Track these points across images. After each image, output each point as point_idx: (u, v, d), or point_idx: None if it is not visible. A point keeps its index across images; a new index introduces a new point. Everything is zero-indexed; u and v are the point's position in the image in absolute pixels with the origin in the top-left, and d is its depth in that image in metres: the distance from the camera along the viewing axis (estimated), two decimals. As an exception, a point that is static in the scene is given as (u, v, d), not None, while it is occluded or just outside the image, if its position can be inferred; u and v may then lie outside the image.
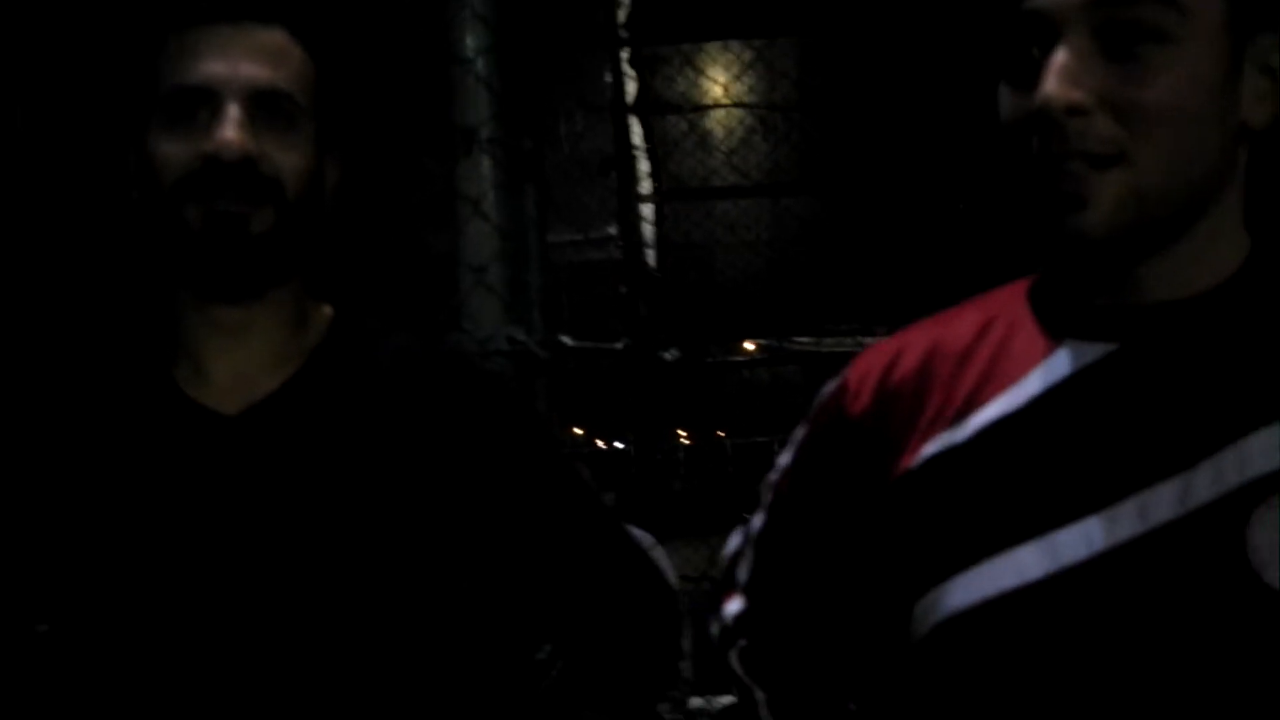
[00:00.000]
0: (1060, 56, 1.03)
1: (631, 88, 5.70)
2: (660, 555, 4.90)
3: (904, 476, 1.20)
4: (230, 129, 1.33)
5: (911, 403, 1.23)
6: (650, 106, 5.82)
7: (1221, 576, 1.01)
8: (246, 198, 1.33)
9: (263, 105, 1.35)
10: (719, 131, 6.02)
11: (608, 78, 5.64)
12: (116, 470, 1.39)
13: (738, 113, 5.93)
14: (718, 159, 6.00)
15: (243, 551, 1.35)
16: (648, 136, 5.91)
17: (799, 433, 1.37)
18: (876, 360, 1.29)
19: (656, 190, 6.04)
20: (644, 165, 5.98)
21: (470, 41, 2.15)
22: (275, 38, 1.39)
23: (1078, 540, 1.07)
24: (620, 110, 5.63)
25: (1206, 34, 1.04)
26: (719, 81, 5.90)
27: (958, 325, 1.26)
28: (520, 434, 1.49)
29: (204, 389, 1.41)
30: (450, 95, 2.17)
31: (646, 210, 6.03)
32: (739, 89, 5.86)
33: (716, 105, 5.86)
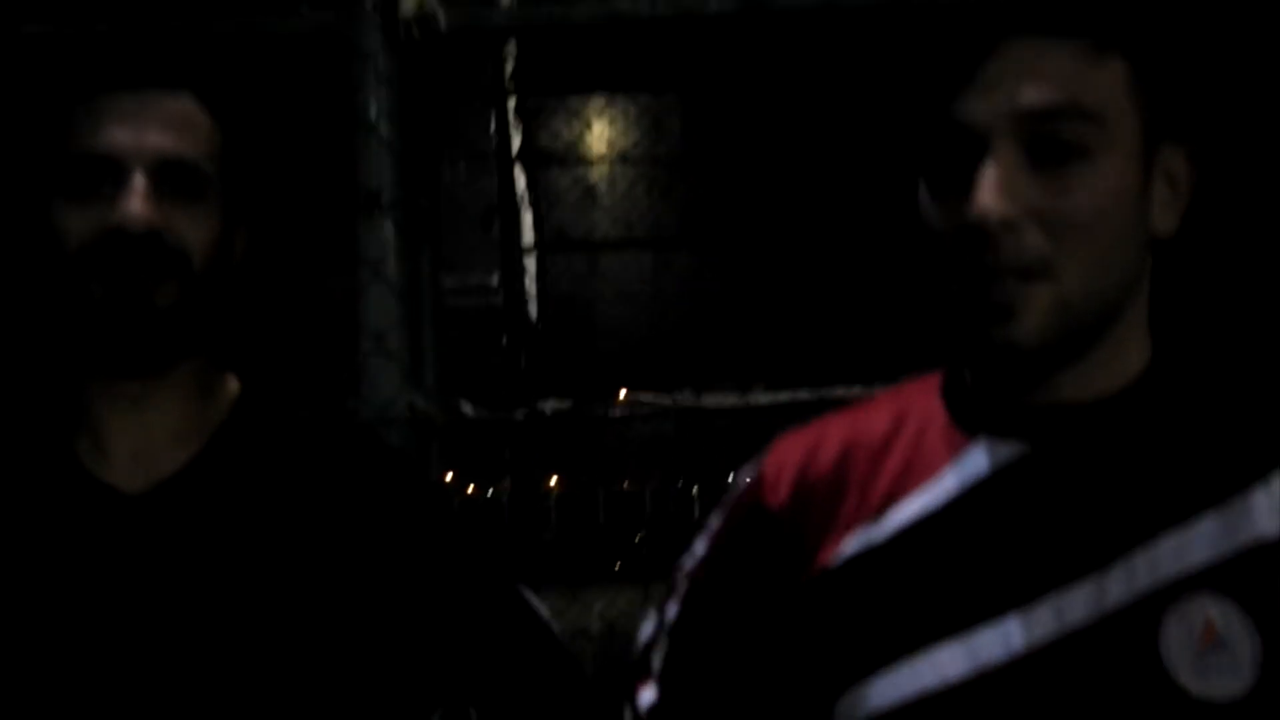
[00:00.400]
0: (992, 170, 1.03)
1: (516, 139, 5.70)
2: (537, 604, 4.88)
3: (823, 574, 1.19)
4: (135, 201, 1.29)
5: (829, 498, 1.23)
6: (535, 157, 5.83)
7: (1136, 678, 1.02)
8: (151, 271, 1.30)
9: (169, 175, 1.32)
10: (603, 185, 6.05)
11: (492, 127, 5.65)
12: (17, 551, 1.33)
13: (622, 167, 5.96)
14: (601, 212, 6.03)
15: (141, 634, 1.30)
16: (531, 187, 5.92)
17: (714, 521, 1.36)
18: (793, 453, 1.28)
19: (539, 242, 6.03)
20: (527, 217, 5.97)
21: (374, 104, 2.12)
22: (183, 105, 1.35)
23: (996, 640, 1.07)
24: (505, 160, 5.62)
25: (1123, 148, 1.06)
26: (604, 135, 5.93)
27: (872, 419, 1.27)
28: (422, 512, 1.46)
29: (105, 465, 1.37)
30: (353, 158, 2.14)
31: (529, 262, 6.03)
32: (624, 143, 5.90)
33: (602, 158, 5.88)
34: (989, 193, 1.03)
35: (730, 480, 1.34)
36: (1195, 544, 1.05)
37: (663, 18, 2.14)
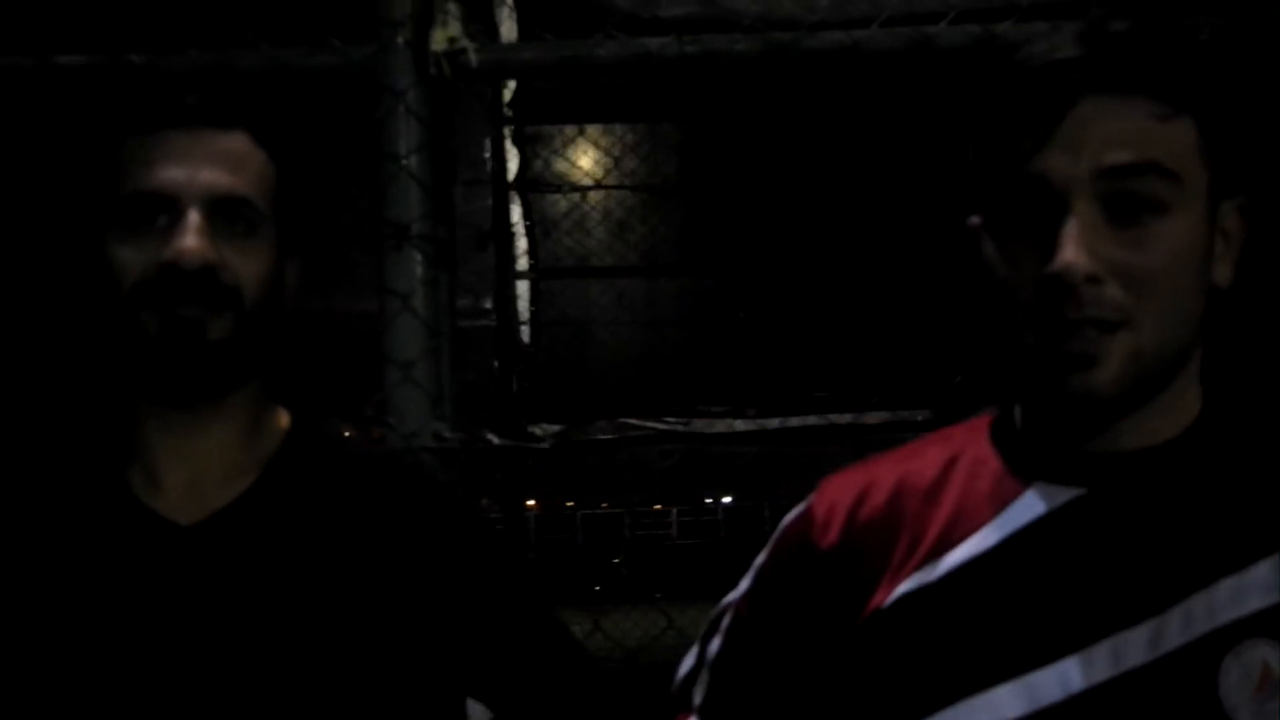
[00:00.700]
0: (1074, 226, 1.07)
1: (512, 165, 5.71)
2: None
3: (875, 615, 1.22)
4: (190, 237, 1.31)
5: (881, 540, 1.25)
6: (531, 184, 5.85)
7: None
8: (205, 305, 1.32)
9: (222, 211, 1.34)
10: (597, 212, 6.07)
11: (486, 153, 5.65)
12: (70, 580, 1.35)
13: (618, 193, 5.98)
14: (595, 238, 6.04)
15: (193, 664, 1.32)
16: (527, 213, 5.93)
17: (760, 559, 1.39)
18: (844, 494, 1.31)
19: (533, 267, 6.05)
20: (521, 243, 5.98)
21: (404, 139, 2.15)
22: (236, 142, 1.37)
23: (1054, 681, 1.10)
24: (501, 186, 5.63)
25: (1194, 204, 1.10)
26: (599, 162, 5.95)
27: (921, 461, 1.29)
28: (472, 544, 1.49)
29: (159, 496, 1.39)
30: (382, 191, 2.16)
31: (522, 287, 6.04)
32: (619, 173, 5.92)
33: (599, 186, 5.90)
34: (1072, 248, 1.06)
35: (713, 503, 1.36)
36: (1252, 590, 1.08)
37: (690, 56, 2.18)
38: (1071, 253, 1.06)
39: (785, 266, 5.64)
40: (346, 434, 1.53)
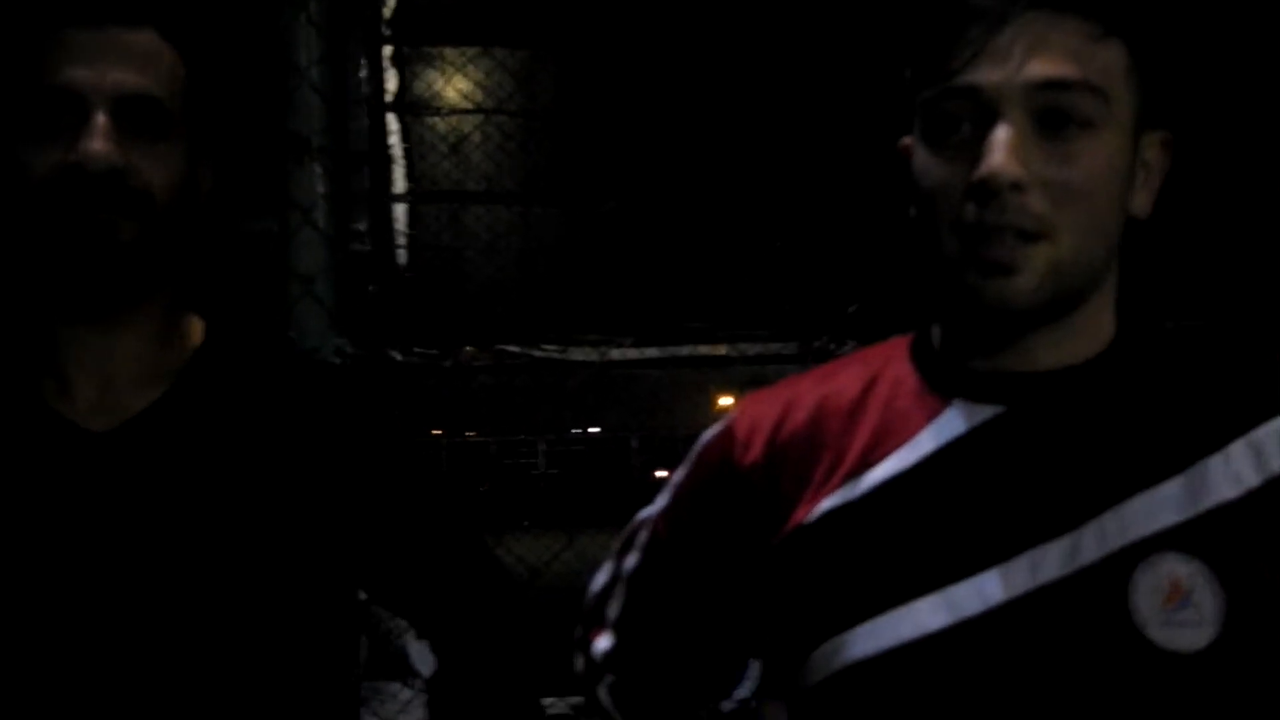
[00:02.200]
0: (1003, 133, 1.09)
1: (391, 86, 5.63)
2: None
3: (798, 530, 1.24)
4: (97, 140, 1.27)
5: (803, 458, 1.28)
6: (409, 106, 5.77)
7: (1107, 631, 1.09)
8: (112, 209, 1.29)
9: (131, 112, 1.31)
10: (475, 137, 6.01)
11: (363, 73, 5.56)
12: None
13: (495, 118, 5.93)
14: (471, 163, 5.99)
15: (106, 567, 1.31)
16: (405, 136, 5.85)
17: (678, 475, 1.40)
18: (765, 413, 1.33)
19: (411, 191, 5.98)
20: (398, 166, 5.91)
21: (305, 51, 2.11)
22: (146, 39, 1.33)
23: (974, 594, 1.14)
24: (378, 108, 5.55)
25: (1119, 125, 1.13)
26: (478, 86, 5.89)
27: (842, 381, 1.32)
28: (379, 434, 1.49)
29: (71, 405, 1.36)
30: (284, 103, 2.12)
31: (399, 211, 5.97)
32: (499, 95, 5.86)
33: (475, 110, 5.84)
34: (1000, 155, 1.09)
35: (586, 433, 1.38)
36: (1163, 505, 1.12)
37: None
38: (999, 159, 1.09)
39: (662, 193, 5.64)
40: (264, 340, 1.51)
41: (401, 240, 5.96)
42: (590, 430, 20.09)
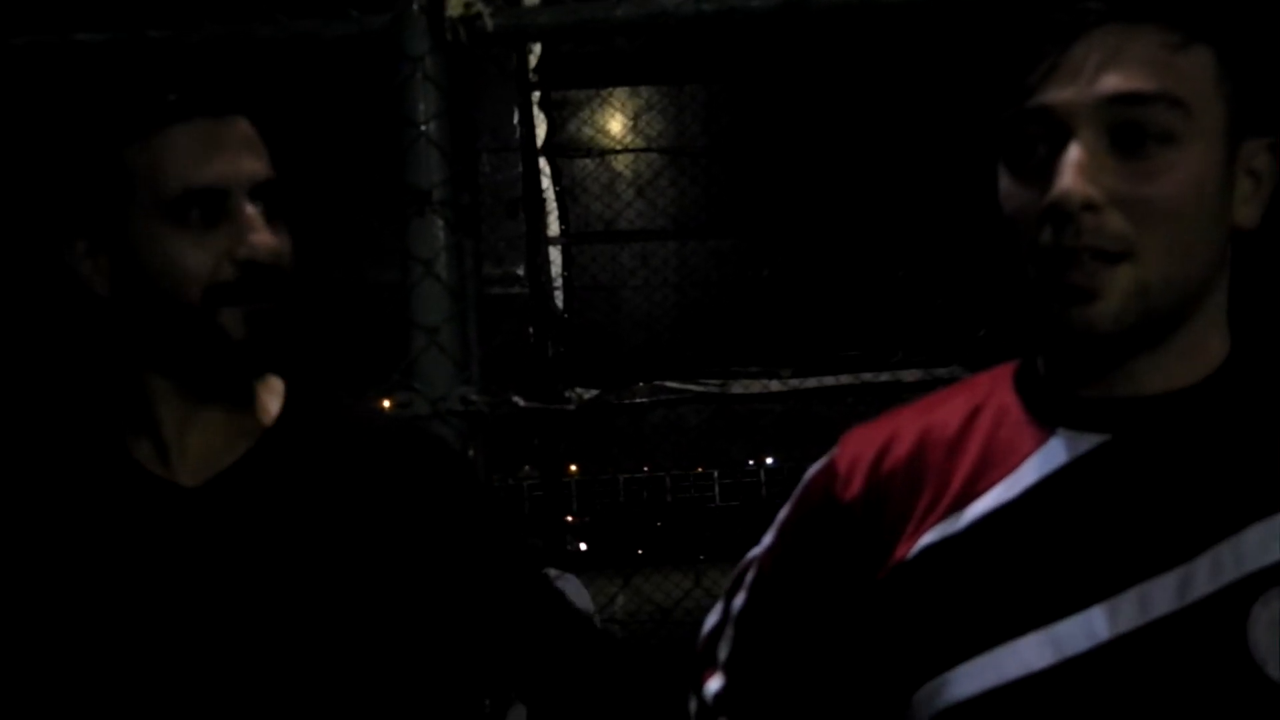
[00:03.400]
0: (1075, 153, 1.05)
1: (541, 130, 5.71)
2: (579, 589, 4.94)
3: (900, 566, 1.21)
4: (263, 232, 1.31)
5: (905, 492, 1.24)
6: (559, 149, 5.84)
7: (1223, 669, 1.04)
8: (277, 297, 1.33)
9: (261, 197, 1.34)
10: (627, 174, 6.06)
11: (516, 119, 5.65)
12: (82, 550, 1.36)
13: (645, 156, 5.97)
14: (625, 202, 6.03)
15: (205, 625, 1.34)
16: (556, 179, 5.92)
17: (784, 512, 1.38)
18: (867, 446, 1.30)
19: (564, 233, 6.04)
20: (552, 208, 5.98)
21: (423, 106, 2.15)
22: (246, 127, 1.37)
23: (1080, 631, 1.09)
24: (530, 152, 5.63)
25: (1207, 136, 1.08)
26: (627, 125, 5.94)
27: (945, 412, 1.28)
28: (463, 500, 1.49)
29: (160, 462, 1.40)
30: (402, 157, 2.16)
31: (554, 252, 6.04)
32: (648, 135, 5.90)
33: (625, 149, 5.88)
34: (1070, 175, 1.05)
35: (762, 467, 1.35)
36: None
37: (706, 14, 2.17)
38: (1069, 179, 1.05)
39: (812, 225, 5.61)
40: (345, 400, 1.53)
41: (558, 282, 6.03)
42: (767, 462, 20.03)
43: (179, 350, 1.36)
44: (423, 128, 2.07)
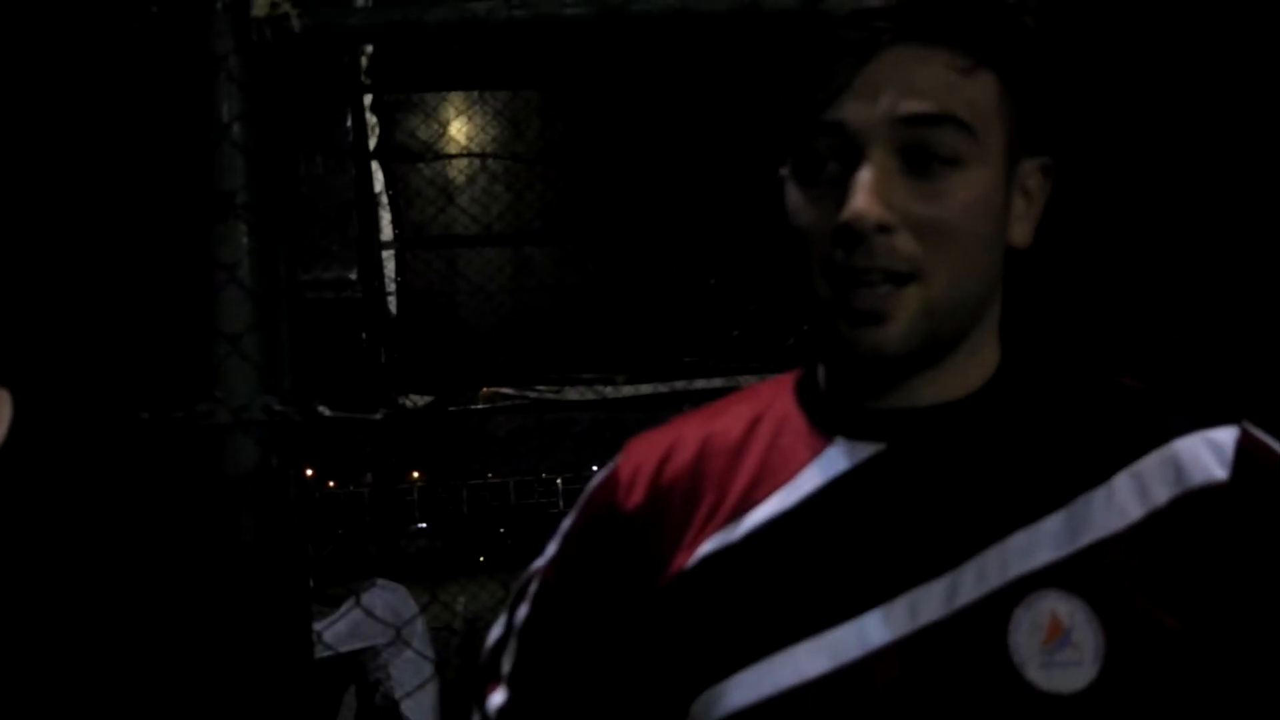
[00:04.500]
0: (867, 174, 1.06)
1: (374, 134, 5.64)
2: (405, 598, 4.88)
3: (679, 575, 1.21)
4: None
5: (685, 500, 1.24)
6: (393, 153, 5.77)
7: (986, 673, 1.05)
8: None
9: None
10: (461, 180, 6.01)
11: (348, 122, 5.57)
12: None
13: (480, 162, 5.93)
14: (459, 207, 5.98)
15: None
16: (390, 183, 5.85)
17: (566, 523, 1.37)
18: (649, 454, 1.29)
19: (398, 237, 5.98)
20: (385, 213, 5.91)
21: (226, 107, 2.09)
22: None
23: (853, 638, 1.10)
24: (362, 156, 5.56)
25: (990, 159, 1.09)
26: (462, 130, 5.89)
27: (727, 420, 1.28)
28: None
29: None
30: (206, 161, 2.10)
31: (387, 257, 5.96)
32: (483, 139, 5.86)
33: (460, 155, 5.84)
34: (864, 196, 1.05)
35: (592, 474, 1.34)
36: (1043, 542, 1.09)
37: (518, 21, 2.15)
38: (863, 201, 1.05)
39: (633, 231, 5.63)
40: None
41: (391, 287, 5.95)
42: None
43: None
44: (227, 131, 2.01)
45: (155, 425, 1.47)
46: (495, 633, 1.42)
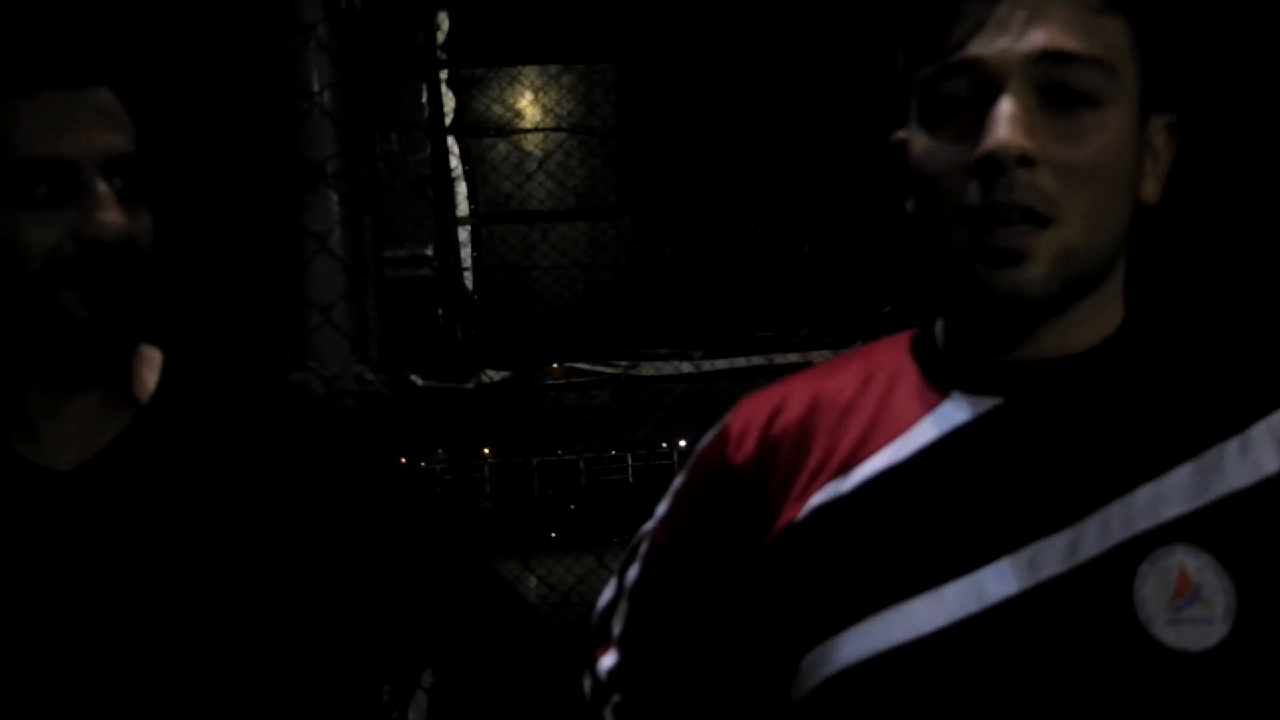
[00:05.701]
0: (1008, 106, 1.03)
1: (449, 109, 5.64)
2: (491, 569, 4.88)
3: (789, 528, 1.19)
4: (110, 210, 1.25)
5: (795, 453, 1.23)
6: (468, 128, 5.77)
7: (1110, 630, 1.03)
8: (130, 281, 1.27)
9: (117, 173, 1.28)
10: (537, 154, 6.00)
11: (424, 98, 5.58)
12: None
13: (556, 136, 5.92)
14: (536, 182, 5.98)
15: (83, 610, 1.29)
16: (465, 158, 5.86)
17: (677, 482, 1.36)
18: (759, 410, 1.28)
19: (474, 213, 5.98)
20: (461, 187, 5.91)
21: (316, 75, 2.09)
22: (106, 98, 1.31)
23: (970, 593, 1.08)
24: (439, 131, 5.56)
25: (1126, 103, 1.07)
26: (537, 105, 5.89)
27: (840, 378, 1.27)
28: (360, 468, 1.46)
29: (35, 447, 1.34)
30: (295, 129, 2.10)
31: (463, 232, 5.98)
32: (558, 113, 5.85)
33: (535, 129, 5.83)
34: (1005, 127, 1.03)
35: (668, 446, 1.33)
36: (1170, 496, 1.06)
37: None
38: (1005, 131, 1.03)
39: (719, 204, 5.60)
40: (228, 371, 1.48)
41: (467, 263, 5.96)
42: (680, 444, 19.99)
43: (21, 330, 1.30)
44: (317, 98, 2.01)
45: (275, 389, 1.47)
46: (606, 595, 1.42)
